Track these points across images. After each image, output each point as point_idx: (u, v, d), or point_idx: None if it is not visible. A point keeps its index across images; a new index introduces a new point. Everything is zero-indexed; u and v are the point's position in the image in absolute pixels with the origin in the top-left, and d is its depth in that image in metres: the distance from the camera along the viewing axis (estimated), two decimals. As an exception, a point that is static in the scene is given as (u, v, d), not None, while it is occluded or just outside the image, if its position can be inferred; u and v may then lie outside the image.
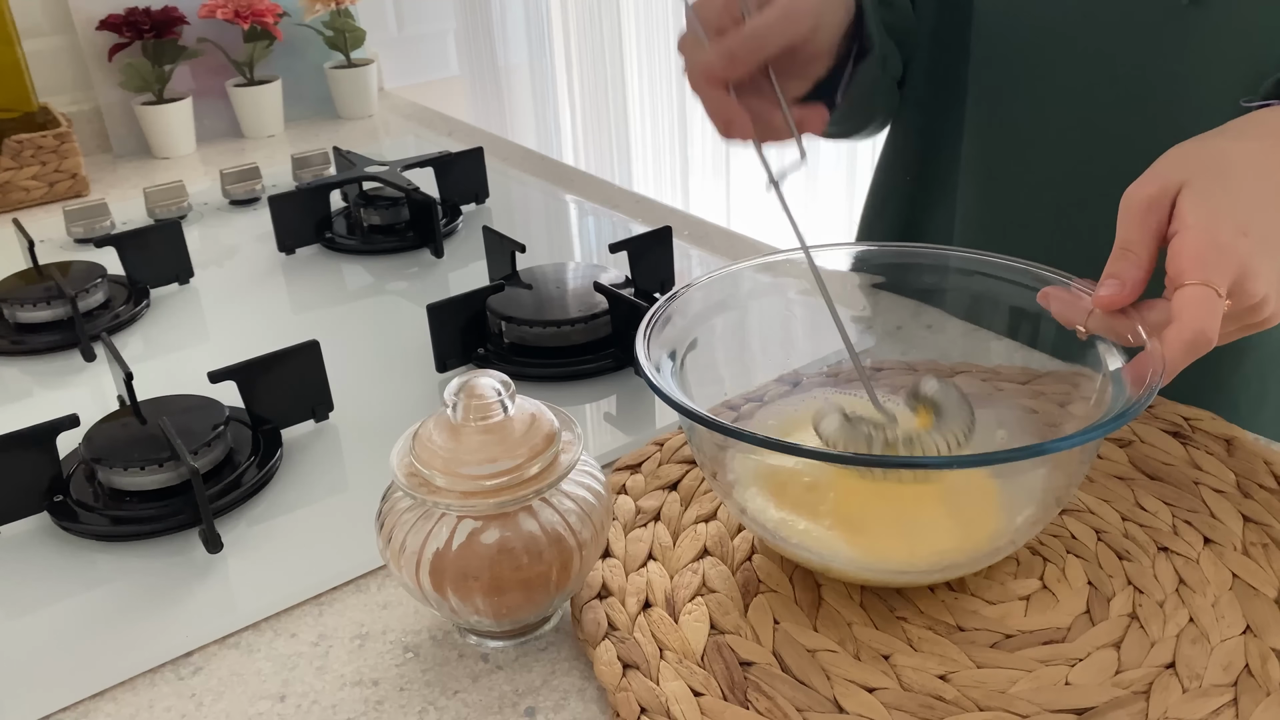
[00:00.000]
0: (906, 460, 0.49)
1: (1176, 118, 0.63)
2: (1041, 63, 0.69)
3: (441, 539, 0.44)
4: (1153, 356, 0.44)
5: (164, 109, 1.26)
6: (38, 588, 0.54)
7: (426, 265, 0.93)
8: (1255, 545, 0.50)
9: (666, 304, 0.54)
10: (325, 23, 1.36)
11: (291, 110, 1.38)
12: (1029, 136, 0.72)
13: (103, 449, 0.59)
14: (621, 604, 0.49)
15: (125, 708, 0.47)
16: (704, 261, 0.90)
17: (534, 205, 1.08)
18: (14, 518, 0.58)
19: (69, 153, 1.15)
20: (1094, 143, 0.68)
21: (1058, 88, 0.69)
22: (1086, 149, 0.68)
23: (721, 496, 0.53)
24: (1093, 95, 0.67)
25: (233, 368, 0.63)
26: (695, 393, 0.53)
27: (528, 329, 0.72)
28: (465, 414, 0.45)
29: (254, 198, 1.09)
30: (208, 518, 0.55)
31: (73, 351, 0.79)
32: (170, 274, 0.89)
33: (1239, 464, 0.56)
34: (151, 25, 1.23)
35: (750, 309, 0.52)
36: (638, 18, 2.27)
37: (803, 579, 0.50)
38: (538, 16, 2.15)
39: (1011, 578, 0.50)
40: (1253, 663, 0.44)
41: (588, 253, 0.96)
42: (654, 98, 2.36)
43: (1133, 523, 0.53)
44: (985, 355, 0.58)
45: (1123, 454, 0.58)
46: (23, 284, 0.84)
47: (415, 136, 1.32)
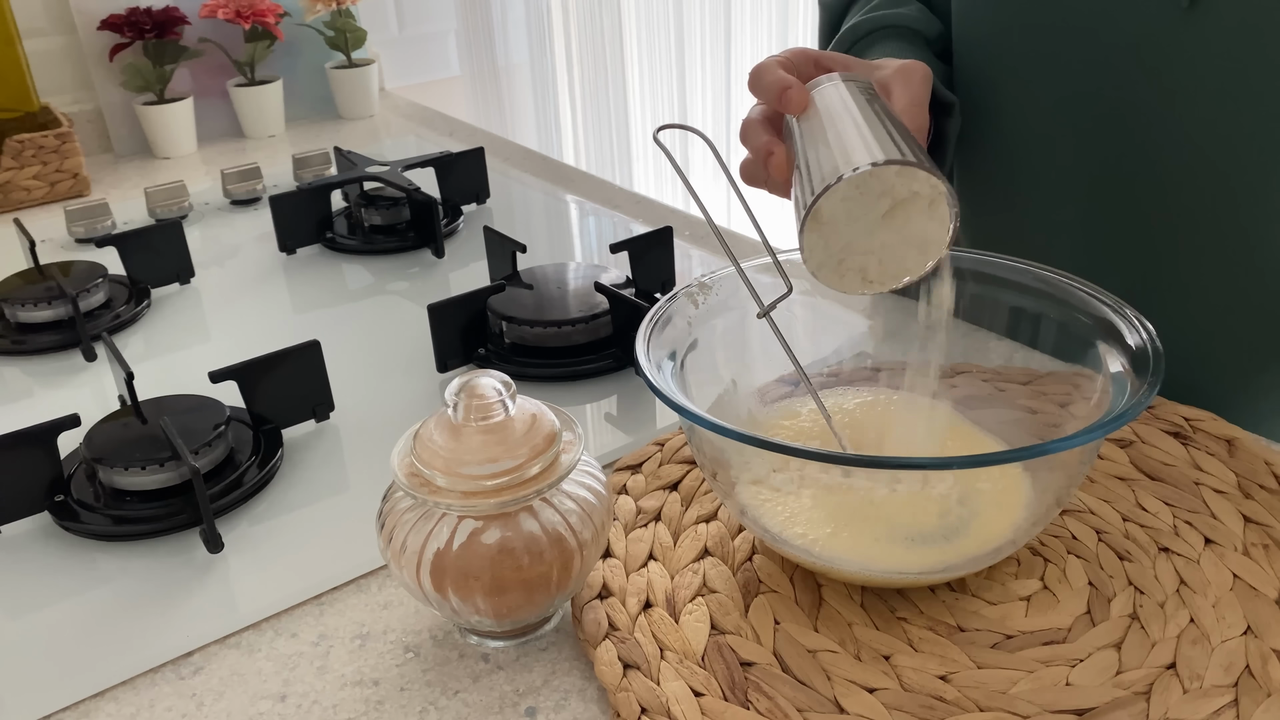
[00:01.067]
0: (906, 461, 0.49)
1: (1173, 122, 0.63)
2: (1035, 71, 0.69)
3: (442, 539, 0.44)
4: None
5: (165, 109, 1.26)
6: (38, 587, 0.54)
7: (427, 265, 0.93)
8: (1256, 546, 0.50)
9: (667, 304, 0.54)
10: (326, 23, 1.36)
11: (292, 110, 1.38)
12: (1022, 144, 0.72)
13: (104, 449, 0.59)
14: (622, 604, 0.49)
15: (126, 707, 0.47)
16: (704, 261, 0.90)
17: (535, 205, 1.08)
18: (15, 517, 0.58)
19: (70, 152, 1.15)
20: (1090, 148, 0.68)
21: (1053, 95, 0.68)
22: (1084, 159, 0.68)
23: (722, 497, 0.53)
24: (1090, 101, 0.67)
25: (234, 368, 0.63)
26: (695, 393, 0.53)
27: (528, 329, 0.72)
28: (466, 414, 0.45)
29: (255, 198, 1.09)
30: (208, 517, 0.55)
31: (74, 351, 0.79)
32: (171, 274, 0.90)
33: (1240, 464, 0.56)
34: (153, 25, 1.23)
35: (751, 309, 0.52)
36: (638, 18, 2.27)
37: (803, 579, 0.50)
38: (538, 16, 2.14)
39: (1012, 578, 0.50)
40: (1253, 663, 0.44)
41: (588, 253, 0.96)
42: (655, 98, 2.36)
43: (1134, 523, 0.53)
44: (986, 356, 0.58)
45: (1123, 454, 0.58)
46: (24, 284, 0.84)
47: (416, 136, 1.32)
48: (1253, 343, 0.68)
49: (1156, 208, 0.66)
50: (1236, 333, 0.68)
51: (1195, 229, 0.65)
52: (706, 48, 2.38)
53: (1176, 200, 0.65)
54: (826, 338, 0.63)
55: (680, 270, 0.83)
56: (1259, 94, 0.59)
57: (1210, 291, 0.67)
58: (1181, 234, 0.66)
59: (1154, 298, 0.66)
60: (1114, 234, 0.69)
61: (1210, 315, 0.68)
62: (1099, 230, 0.70)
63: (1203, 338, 0.68)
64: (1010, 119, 0.72)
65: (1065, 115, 0.68)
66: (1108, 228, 0.69)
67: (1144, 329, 0.48)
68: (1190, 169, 0.64)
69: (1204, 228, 0.65)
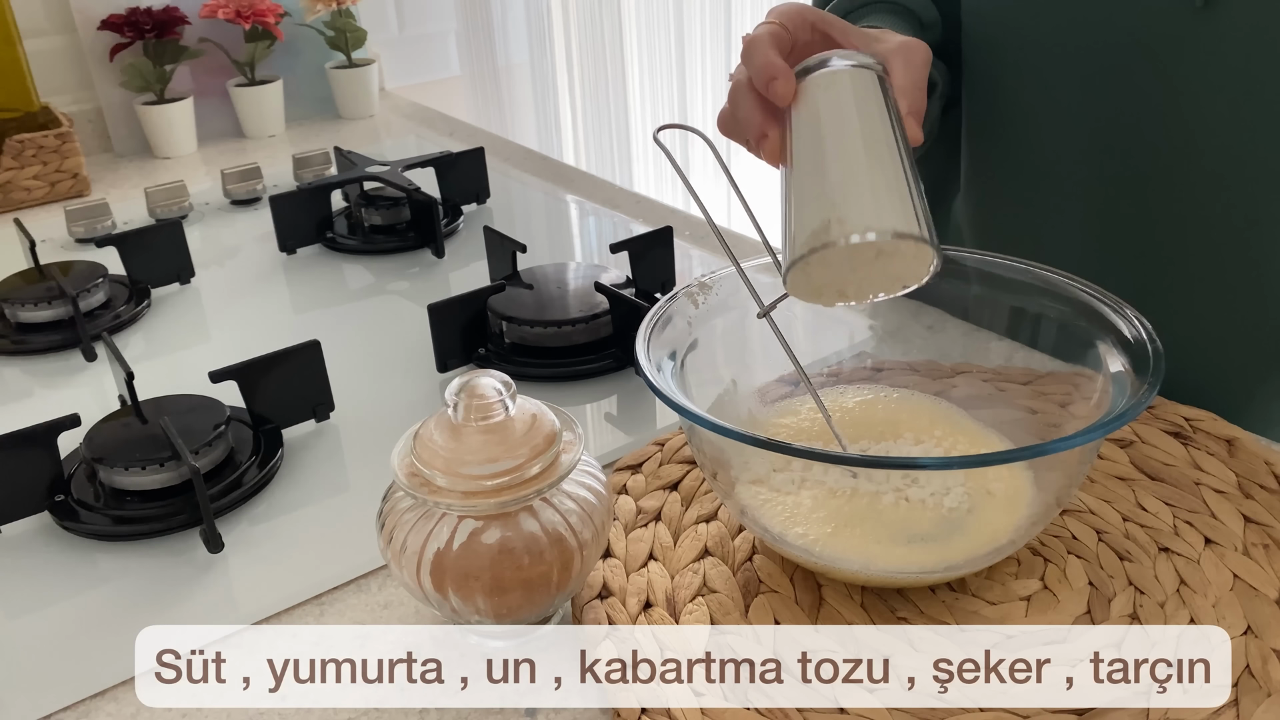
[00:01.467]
0: (907, 461, 0.49)
1: (1183, 123, 0.63)
2: (1047, 71, 0.69)
3: (442, 539, 0.44)
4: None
5: (165, 109, 1.26)
6: (39, 587, 0.54)
7: (427, 265, 0.93)
8: (1256, 546, 0.50)
9: (667, 304, 0.54)
10: (326, 23, 1.36)
11: (292, 110, 1.38)
12: (1033, 143, 0.72)
13: (104, 449, 0.59)
14: (622, 604, 0.49)
15: (126, 707, 0.47)
16: (705, 261, 0.90)
17: (535, 205, 1.08)
18: (15, 517, 0.58)
19: (70, 152, 1.15)
20: (1102, 153, 0.68)
21: (1064, 97, 0.68)
22: (1094, 158, 0.68)
23: (722, 497, 0.53)
24: (1101, 104, 0.67)
25: (234, 367, 0.63)
26: (695, 393, 0.53)
27: (528, 329, 0.72)
28: (466, 414, 0.45)
29: (255, 198, 1.09)
30: (208, 517, 0.55)
31: (74, 351, 0.79)
32: (171, 274, 0.90)
33: (1240, 464, 0.56)
34: (153, 25, 1.23)
35: (751, 309, 0.52)
36: (639, 18, 2.27)
37: (803, 579, 0.50)
38: (539, 16, 2.14)
39: (1012, 578, 0.50)
40: (1253, 663, 0.44)
41: (588, 253, 0.96)
42: (655, 98, 2.36)
43: (1134, 523, 0.53)
44: (986, 356, 0.58)
45: (1124, 454, 0.58)
46: (24, 284, 0.84)
47: (416, 136, 1.32)
48: (1255, 342, 0.68)
49: (1166, 207, 0.66)
50: (1245, 335, 0.68)
51: (1205, 227, 0.65)
52: (707, 48, 2.38)
53: (1186, 200, 0.65)
54: (826, 337, 0.63)
55: (680, 270, 0.83)
56: (1271, 97, 0.59)
57: (1219, 292, 0.67)
58: (1190, 233, 0.66)
59: (1163, 297, 0.66)
60: (1123, 232, 0.69)
61: (1219, 317, 0.68)
62: (1108, 228, 0.69)
63: (1212, 340, 0.68)
64: (1021, 118, 0.72)
65: (1075, 115, 0.68)
66: (1117, 226, 0.69)
67: (1144, 329, 0.48)
68: (1200, 170, 0.64)
69: (1214, 226, 0.65)
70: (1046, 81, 0.69)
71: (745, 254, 0.55)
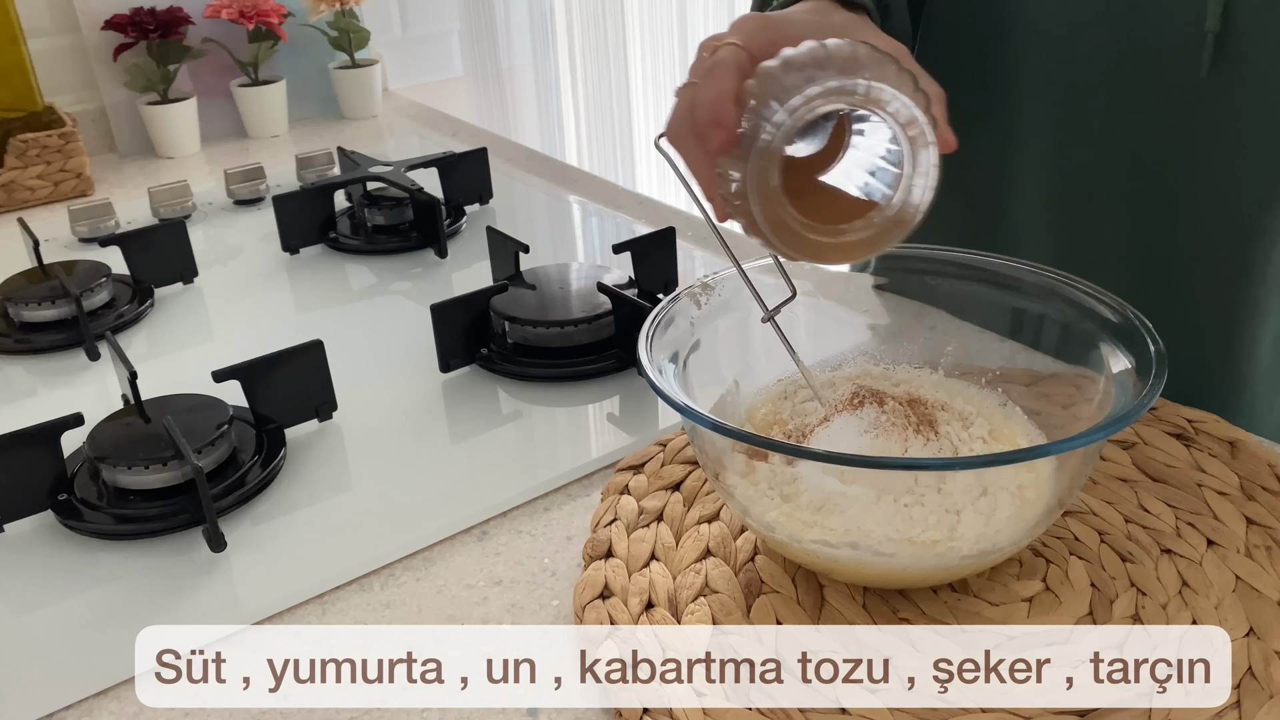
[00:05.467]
0: (906, 461, 0.49)
1: (1193, 188, 0.63)
2: (1055, 140, 0.69)
3: None
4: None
5: (169, 109, 1.26)
6: (42, 586, 0.54)
7: (430, 265, 0.93)
8: (1258, 548, 0.50)
9: (670, 305, 0.54)
10: (330, 23, 1.36)
11: (296, 110, 1.38)
12: (1050, 196, 0.72)
13: (107, 448, 0.59)
14: (624, 604, 0.49)
15: (129, 706, 0.47)
16: (707, 262, 0.90)
17: (538, 206, 1.08)
18: (18, 516, 0.58)
19: (74, 152, 1.15)
20: (1110, 219, 0.68)
21: (1073, 163, 0.69)
22: (1103, 225, 0.69)
23: (724, 497, 0.53)
24: (1108, 172, 0.67)
25: (237, 367, 0.63)
26: (698, 394, 0.53)
27: (531, 329, 0.72)
28: None
29: (258, 198, 1.09)
30: (211, 517, 0.55)
31: (77, 350, 0.79)
32: (175, 273, 0.90)
33: (1242, 466, 0.56)
34: (156, 25, 1.23)
35: (753, 310, 0.52)
36: (641, 18, 2.27)
37: (805, 580, 0.50)
38: (541, 17, 2.15)
39: (1014, 579, 0.50)
40: (1256, 665, 0.44)
41: (591, 253, 0.96)
42: (658, 98, 2.36)
43: (1136, 525, 0.53)
44: (988, 357, 0.58)
45: (1126, 456, 0.58)
46: (28, 283, 0.84)
47: (419, 137, 1.32)
48: (1256, 342, 0.68)
49: (1180, 257, 0.66)
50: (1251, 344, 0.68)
51: (1215, 267, 0.66)
52: (710, 49, 2.38)
53: (1203, 243, 0.66)
54: (829, 338, 0.63)
55: (683, 271, 0.83)
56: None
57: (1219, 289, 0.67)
58: (1199, 258, 0.67)
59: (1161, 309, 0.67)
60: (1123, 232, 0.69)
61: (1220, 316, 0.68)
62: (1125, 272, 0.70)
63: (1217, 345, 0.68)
64: (1028, 184, 0.72)
65: (1078, 187, 0.69)
66: (1135, 277, 0.69)
67: (1146, 330, 0.48)
68: (1210, 219, 0.64)
69: (1224, 264, 0.65)
70: (1051, 154, 0.70)
71: (747, 255, 0.55)
